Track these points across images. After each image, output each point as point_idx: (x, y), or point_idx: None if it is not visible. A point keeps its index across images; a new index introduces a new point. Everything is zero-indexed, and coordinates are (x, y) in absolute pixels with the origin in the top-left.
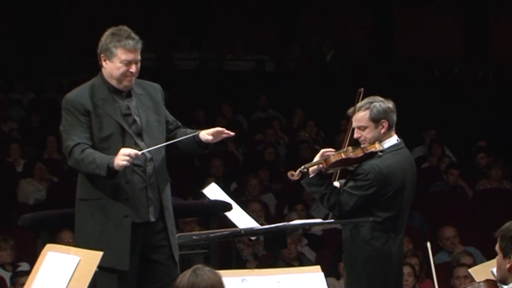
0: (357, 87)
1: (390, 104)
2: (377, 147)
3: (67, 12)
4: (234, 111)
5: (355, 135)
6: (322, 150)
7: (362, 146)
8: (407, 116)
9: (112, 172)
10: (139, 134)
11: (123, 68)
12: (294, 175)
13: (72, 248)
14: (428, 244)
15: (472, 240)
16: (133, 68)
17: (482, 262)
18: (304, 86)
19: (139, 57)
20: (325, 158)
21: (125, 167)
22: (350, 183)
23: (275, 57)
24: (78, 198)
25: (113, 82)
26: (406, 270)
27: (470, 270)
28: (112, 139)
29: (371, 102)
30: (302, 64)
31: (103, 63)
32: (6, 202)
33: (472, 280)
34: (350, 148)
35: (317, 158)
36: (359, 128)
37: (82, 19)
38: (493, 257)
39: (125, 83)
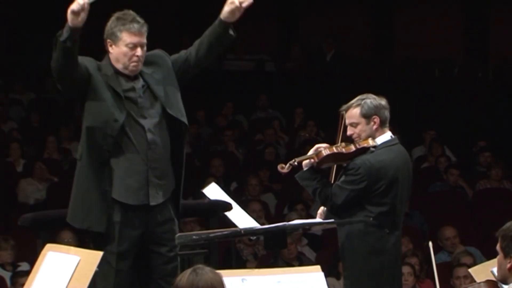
0: (357, 87)
1: (382, 101)
2: (370, 142)
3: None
4: (234, 111)
5: (348, 132)
6: (316, 145)
7: (355, 141)
8: (407, 116)
9: (68, 30)
10: (142, 116)
11: (129, 52)
12: (284, 167)
13: (72, 248)
14: (430, 244)
15: (472, 240)
16: (139, 52)
17: (482, 262)
18: (304, 86)
19: (144, 40)
20: (317, 153)
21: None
22: (342, 178)
23: (275, 57)
24: (77, 159)
25: (120, 67)
26: (406, 270)
27: (470, 270)
28: (110, 114)
29: (363, 99)
30: (302, 64)
31: (109, 48)
32: (6, 202)
33: (472, 280)
34: (343, 143)
35: (310, 153)
36: (351, 124)
37: None
38: (493, 257)
39: (132, 67)
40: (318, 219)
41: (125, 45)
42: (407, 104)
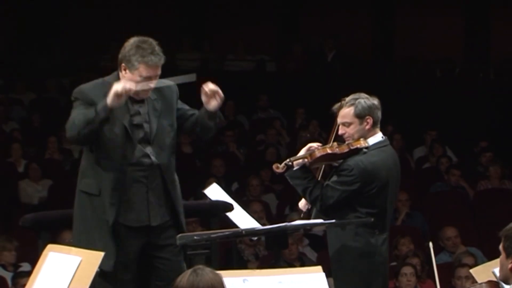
0: (358, 87)
1: (375, 101)
2: (362, 143)
3: (68, 13)
4: (235, 111)
5: (340, 132)
6: (309, 145)
7: (347, 142)
8: (408, 116)
9: (107, 110)
10: (146, 141)
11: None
12: (279, 167)
13: (73, 248)
14: (430, 244)
15: (473, 240)
16: (153, 83)
17: (483, 262)
18: (305, 87)
19: (159, 72)
20: (311, 153)
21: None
22: (334, 178)
23: (276, 57)
24: (78, 188)
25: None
26: (408, 270)
27: (471, 270)
28: (114, 140)
29: (356, 99)
30: (303, 64)
31: (123, 71)
32: (8, 203)
33: (474, 280)
34: (335, 143)
35: (302, 152)
36: (343, 124)
37: (83, 20)
38: (495, 258)
39: (142, 95)
40: (319, 220)
41: (140, 76)
42: (408, 105)
